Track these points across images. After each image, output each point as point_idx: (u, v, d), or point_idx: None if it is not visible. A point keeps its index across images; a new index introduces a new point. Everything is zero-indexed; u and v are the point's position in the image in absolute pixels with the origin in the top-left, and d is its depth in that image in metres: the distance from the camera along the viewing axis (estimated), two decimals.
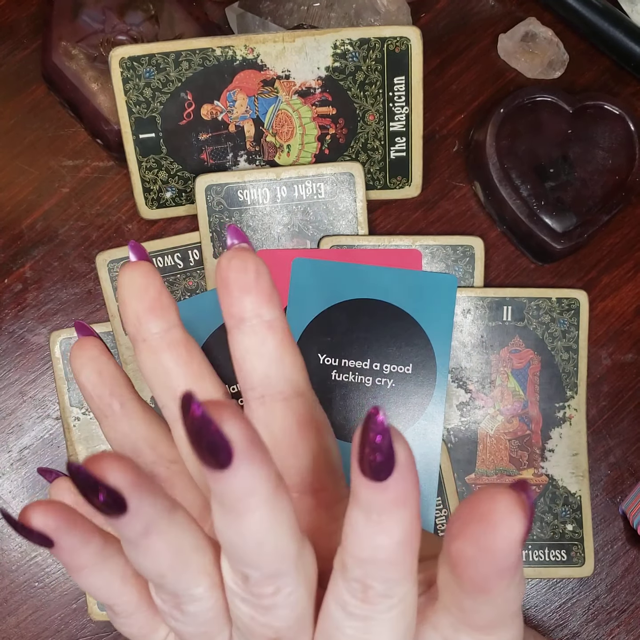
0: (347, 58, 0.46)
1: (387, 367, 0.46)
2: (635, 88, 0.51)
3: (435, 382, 0.46)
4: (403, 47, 0.46)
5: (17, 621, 0.47)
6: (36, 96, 0.49)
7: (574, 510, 0.47)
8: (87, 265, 0.49)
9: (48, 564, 0.47)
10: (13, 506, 0.48)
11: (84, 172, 0.49)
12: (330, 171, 0.47)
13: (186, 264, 0.47)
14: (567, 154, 0.47)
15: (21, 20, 0.50)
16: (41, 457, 0.48)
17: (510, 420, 0.47)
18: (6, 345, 0.48)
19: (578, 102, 0.48)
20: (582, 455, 0.47)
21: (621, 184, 0.47)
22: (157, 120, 0.46)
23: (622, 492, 0.49)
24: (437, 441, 0.46)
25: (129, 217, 0.49)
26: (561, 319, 0.47)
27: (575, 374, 0.47)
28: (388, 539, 0.20)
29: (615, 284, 0.50)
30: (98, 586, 0.24)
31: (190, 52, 0.45)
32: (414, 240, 0.47)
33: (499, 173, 0.47)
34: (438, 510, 0.46)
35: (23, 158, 0.49)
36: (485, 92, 0.50)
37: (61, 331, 0.47)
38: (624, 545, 0.48)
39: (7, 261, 0.49)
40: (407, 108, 0.47)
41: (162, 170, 0.47)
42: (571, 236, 0.47)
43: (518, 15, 0.51)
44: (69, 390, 0.47)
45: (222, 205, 0.47)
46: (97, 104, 0.46)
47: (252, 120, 0.47)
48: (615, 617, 0.48)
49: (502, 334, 0.47)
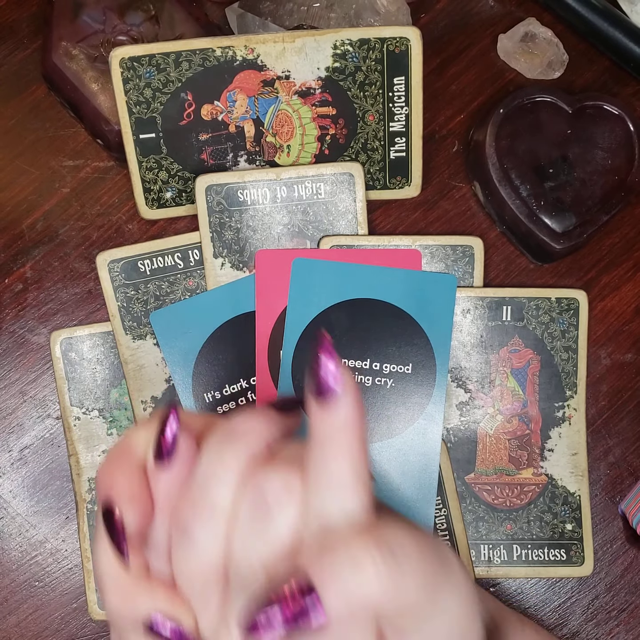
0: (347, 58, 0.46)
1: (387, 366, 0.46)
2: (634, 88, 0.51)
3: (435, 382, 0.46)
4: (403, 48, 0.46)
5: (18, 620, 0.47)
6: (36, 96, 0.50)
7: (573, 510, 0.47)
8: (88, 265, 0.49)
9: (48, 564, 0.48)
10: (13, 506, 0.48)
11: (85, 172, 0.49)
12: (330, 171, 0.47)
13: (186, 264, 0.47)
14: (567, 154, 0.47)
15: (21, 21, 0.50)
16: (42, 457, 0.48)
17: (510, 420, 0.47)
18: (7, 345, 0.48)
19: (577, 102, 0.48)
20: (581, 454, 0.47)
21: (620, 184, 0.47)
22: (158, 120, 0.46)
23: (622, 491, 0.49)
24: (436, 441, 0.46)
25: (130, 217, 0.49)
26: (560, 319, 0.48)
27: (574, 373, 0.47)
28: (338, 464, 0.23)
29: (615, 283, 0.50)
30: None
31: (190, 53, 0.45)
32: (414, 240, 0.48)
33: (498, 173, 0.47)
34: (438, 510, 0.46)
35: (23, 158, 0.49)
36: (484, 93, 0.50)
37: (61, 331, 0.47)
38: (623, 544, 0.48)
39: (7, 261, 0.49)
40: (406, 108, 0.47)
41: (163, 171, 0.47)
42: (570, 236, 0.47)
43: (518, 16, 0.51)
44: (69, 390, 0.47)
45: (222, 205, 0.47)
46: (98, 104, 0.46)
47: (252, 120, 0.47)
48: (615, 617, 0.48)
49: (502, 333, 0.47)
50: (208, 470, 0.25)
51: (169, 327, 0.47)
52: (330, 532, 0.23)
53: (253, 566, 0.24)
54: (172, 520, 0.25)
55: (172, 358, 0.47)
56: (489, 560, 0.47)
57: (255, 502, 0.24)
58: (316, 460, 0.24)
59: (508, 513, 0.47)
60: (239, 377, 0.47)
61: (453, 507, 0.46)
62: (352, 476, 0.23)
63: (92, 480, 0.47)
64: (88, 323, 0.48)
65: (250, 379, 0.47)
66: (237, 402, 0.47)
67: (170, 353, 0.47)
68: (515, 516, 0.47)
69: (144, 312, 0.47)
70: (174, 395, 0.47)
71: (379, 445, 0.46)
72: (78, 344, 0.47)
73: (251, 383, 0.47)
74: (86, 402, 0.47)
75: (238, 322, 0.47)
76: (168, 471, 0.25)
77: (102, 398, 0.47)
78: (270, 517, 0.24)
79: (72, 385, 0.47)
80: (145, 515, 0.25)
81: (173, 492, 0.25)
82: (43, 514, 0.48)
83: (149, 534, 0.26)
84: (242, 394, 0.47)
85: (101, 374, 0.47)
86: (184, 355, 0.47)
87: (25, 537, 0.48)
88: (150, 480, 0.26)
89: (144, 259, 0.47)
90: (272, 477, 0.24)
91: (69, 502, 0.48)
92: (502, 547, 0.47)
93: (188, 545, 0.24)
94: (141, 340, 0.47)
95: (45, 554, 0.48)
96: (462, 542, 0.46)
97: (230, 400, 0.47)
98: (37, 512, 0.48)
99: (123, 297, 0.47)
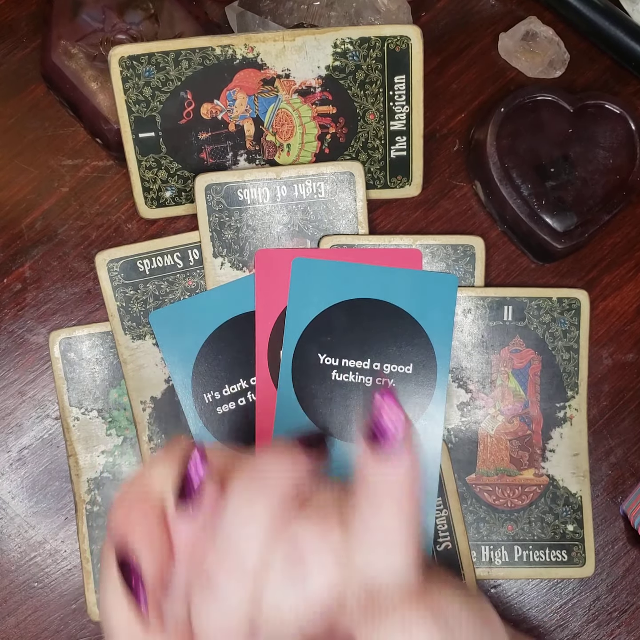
0: (348, 57, 0.46)
1: (387, 367, 0.46)
2: (635, 87, 0.51)
3: (436, 382, 0.46)
4: (403, 46, 0.46)
5: (17, 621, 0.47)
6: (36, 95, 0.49)
7: (574, 511, 0.47)
8: (87, 265, 0.49)
9: (47, 564, 0.47)
10: (12, 506, 0.47)
11: (84, 172, 0.49)
12: (330, 170, 0.47)
13: (186, 263, 0.47)
14: (568, 154, 0.47)
15: (21, 20, 0.50)
16: (41, 457, 0.48)
17: (511, 420, 0.47)
18: (5, 345, 0.48)
19: (579, 101, 0.48)
20: (582, 455, 0.47)
21: (622, 184, 0.47)
22: (157, 119, 0.46)
23: (623, 492, 0.48)
24: (437, 441, 0.46)
25: (129, 217, 0.49)
26: (562, 319, 0.47)
27: (576, 373, 0.47)
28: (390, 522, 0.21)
29: (616, 283, 0.49)
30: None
31: (190, 51, 0.45)
32: (414, 240, 0.47)
33: (499, 172, 0.47)
34: (438, 510, 0.46)
35: (22, 157, 0.49)
36: (485, 91, 0.50)
37: (60, 331, 0.47)
38: (625, 545, 0.48)
39: (6, 261, 0.48)
40: (407, 107, 0.47)
41: (162, 170, 0.47)
42: (572, 236, 0.47)
43: (519, 14, 0.51)
44: (68, 390, 0.47)
45: (222, 205, 0.46)
46: (97, 103, 0.46)
47: (252, 119, 0.47)
48: (616, 618, 0.48)
49: (503, 333, 0.47)
50: (235, 521, 0.23)
51: (168, 327, 0.46)
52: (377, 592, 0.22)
53: (286, 624, 0.22)
54: (193, 569, 0.23)
55: (172, 358, 0.46)
56: (490, 561, 0.47)
57: (289, 555, 0.22)
58: (365, 514, 0.22)
59: (509, 514, 0.47)
60: (239, 377, 0.47)
61: (454, 508, 0.46)
62: (405, 536, 0.22)
63: (91, 481, 0.47)
64: (87, 323, 0.48)
65: (250, 379, 0.47)
66: (236, 403, 0.47)
67: (169, 353, 0.46)
68: (516, 517, 0.47)
69: (143, 312, 0.47)
70: (173, 395, 0.46)
71: None
72: (77, 344, 0.47)
73: (251, 383, 0.47)
74: (85, 403, 0.47)
75: (238, 322, 0.47)
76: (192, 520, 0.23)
77: (101, 398, 0.47)
78: (307, 571, 0.22)
79: (71, 386, 0.47)
80: (164, 565, 0.23)
81: (195, 540, 0.23)
82: (42, 514, 0.48)
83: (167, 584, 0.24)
84: (242, 394, 0.47)
85: (100, 374, 0.47)
86: (184, 356, 0.46)
87: (24, 538, 0.47)
88: (171, 526, 0.24)
89: (143, 259, 0.47)
90: (307, 528, 0.22)
91: (68, 502, 0.47)
92: (503, 548, 0.47)
93: (213, 599, 0.23)
94: (140, 340, 0.47)
95: (44, 554, 0.47)
96: (463, 543, 0.46)
97: (230, 401, 0.47)
98: (36, 513, 0.48)
99: (122, 297, 0.47)
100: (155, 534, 0.23)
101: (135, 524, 0.23)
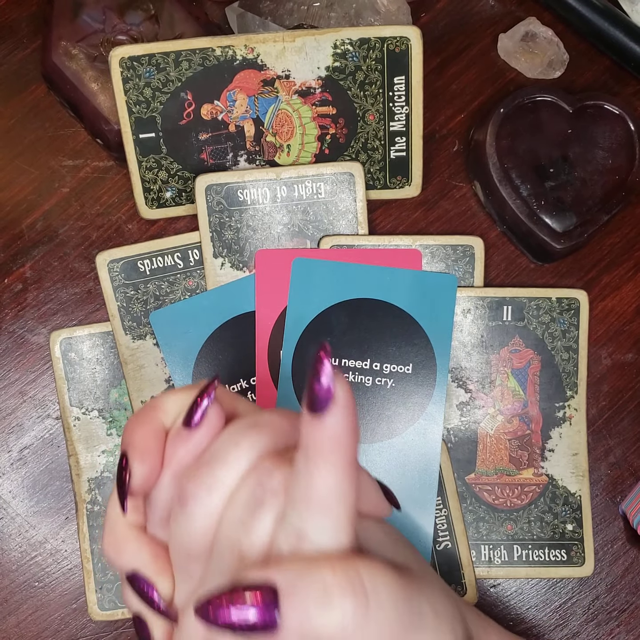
0: (347, 58, 0.46)
1: (387, 367, 0.46)
2: (635, 88, 0.51)
3: (435, 382, 0.46)
4: (403, 47, 0.46)
5: (17, 621, 0.47)
6: (36, 96, 0.49)
7: (574, 510, 0.47)
8: (87, 265, 0.49)
9: (48, 564, 0.48)
10: (13, 506, 0.48)
11: (84, 172, 0.49)
12: (330, 171, 0.47)
13: (186, 263, 0.47)
14: (567, 154, 0.47)
15: (21, 20, 0.50)
16: (41, 457, 0.48)
17: (510, 420, 0.47)
18: (6, 345, 0.48)
19: (578, 102, 0.48)
20: (582, 455, 0.47)
21: (621, 184, 0.47)
22: (157, 120, 0.46)
23: (622, 491, 0.49)
24: (437, 441, 0.46)
25: (129, 217, 0.49)
26: (561, 319, 0.47)
27: (575, 373, 0.47)
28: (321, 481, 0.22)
29: (615, 283, 0.50)
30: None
31: (190, 52, 0.45)
32: (414, 240, 0.47)
33: (499, 173, 0.47)
34: (438, 510, 0.46)
35: (23, 158, 0.49)
36: (485, 92, 0.50)
37: (61, 331, 0.47)
38: (624, 545, 0.48)
39: (7, 261, 0.49)
40: (407, 108, 0.47)
41: (162, 170, 0.47)
42: (571, 236, 0.47)
43: (518, 15, 0.51)
44: (69, 390, 0.47)
45: (222, 205, 0.47)
46: (97, 104, 0.46)
47: (252, 120, 0.47)
48: (615, 617, 0.48)
49: (502, 333, 0.47)
50: (221, 449, 0.25)
51: (168, 327, 0.47)
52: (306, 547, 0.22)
53: (233, 553, 0.24)
54: (177, 488, 0.26)
55: (172, 358, 0.47)
56: (490, 561, 0.47)
57: (253, 493, 0.24)
58: (299, 472, 0.23)
59: (508, 513, 0.47)
60: (239, 377, 0.47)
61: (453, 508, 0.46)
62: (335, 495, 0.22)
63: (91, 481, 0.47)
64: (88, 323, 0.48)
65: (250, 379, 0.47)
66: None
67: (170, 353, 0.47)
68: (515, 516, 0.47)
69: (143, 312, 0.47)
70: None
71: (379, 445, 0.46)
72: (78, 344, 0.47)
73: (251, 383, 0.47)
74: (86, 403, 0.47)
75: (238, 322, 0.47)
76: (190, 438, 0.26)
77: (101, 398, 0.47)
78: (259, 512, 0.23)
79: (72, 386, 0.47)
80: (152, 473, 0.26)
81: (185, 461, 0.26)
82: (43, 514, 0.48)
83: (152, 494, 0.27)
84: (242, 394, 0.47)
85: (101, 374, 0.47)
86: (184, 356, 0.47)
87: (25, 538, 0.48)
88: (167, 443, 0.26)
89: (143, 259, 0.47)
90: (274, 474, 0.24)
91: (69, 502, 0.48)
92: (503, 547, 0.47)
93: (183, 516, 0.25)
94: (141, 340, 0.47)
95: (45, 554, 0.48)
96: (463, 543, 0.46)
97: None
98: (37, 513, 0.48)
99: (123, 297, 0.47)
100: (151, 445, 0.26)
101: (137, 434, 0.26)
